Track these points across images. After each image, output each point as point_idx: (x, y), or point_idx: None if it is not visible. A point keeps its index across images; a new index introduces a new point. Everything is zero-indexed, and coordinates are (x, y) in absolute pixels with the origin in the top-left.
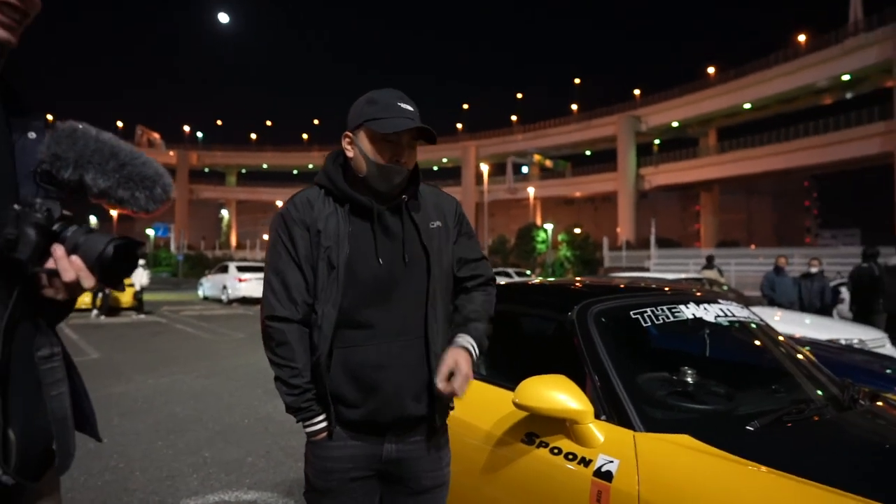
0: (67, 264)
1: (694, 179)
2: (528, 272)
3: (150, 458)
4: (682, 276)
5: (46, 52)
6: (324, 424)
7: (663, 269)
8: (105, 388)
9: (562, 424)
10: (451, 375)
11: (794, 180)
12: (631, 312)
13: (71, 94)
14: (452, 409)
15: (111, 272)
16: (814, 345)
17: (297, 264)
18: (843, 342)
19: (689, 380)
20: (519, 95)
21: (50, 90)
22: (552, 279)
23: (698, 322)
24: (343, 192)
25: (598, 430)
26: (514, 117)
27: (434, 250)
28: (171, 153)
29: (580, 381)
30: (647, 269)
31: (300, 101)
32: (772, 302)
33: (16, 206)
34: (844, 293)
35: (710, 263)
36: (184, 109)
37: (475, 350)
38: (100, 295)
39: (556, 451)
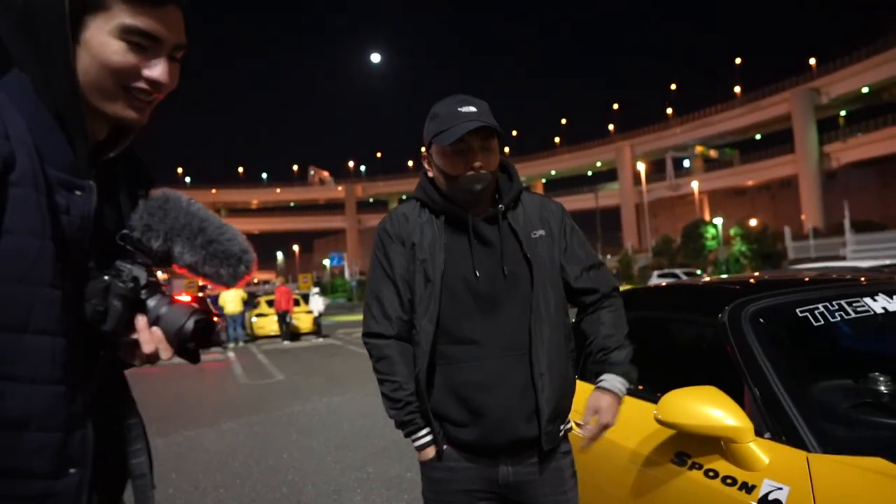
0: (149, 336)
1: None
2: (699, 272)
3: (321, 473)
4: (887, 262)
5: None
6: (429, 439)
7: (863, 256)
8: (287, 406)
9: (717, 444)
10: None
11: None
12: (798, 310)
13: (256, 144)
14: (570, 429)
15: (189, 347)
16: None
17: (392, 281)
18: None
19: (883, 388)
20: (673, 86)
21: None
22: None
23: (892, 317)
24: (437, 203)
25: (762, 451)
26: (669, 110)
27: (538, 261)
28: (340, 188)
29: (737, 394)
30: (842, 258)
31: None
32: None
33: (105, 277)
34: None
35: None
36: (349, 147)
37: (623, 389)
38: (285, 323)
39: (711, 473)
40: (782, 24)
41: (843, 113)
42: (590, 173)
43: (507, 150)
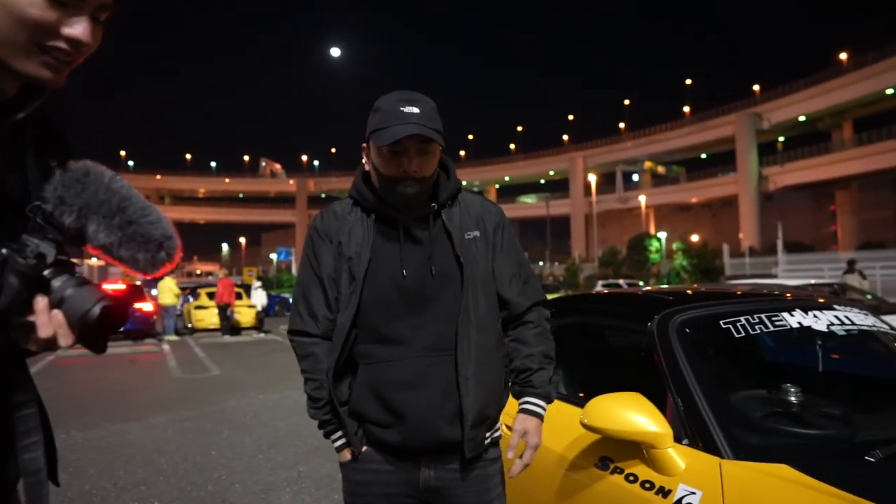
0: (46, 319)
1: (828, 177)
2: (641, 283)
3: (251, 471)
4: (811, 281)
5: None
6: (344, 441)
7: (793, 275)
8: (221, 402)
9: (638, 449)
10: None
11: None
12: (721, 322)
13: (205, 131)
14: (499, 436)
15: (92, 334)
16: None
17: (319, 279)
18: None
19: (793, 399)
20: (626, 102)
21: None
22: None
23: (807, 332)
24: (369, 202)
25: (679, 457)
26: (621, 125)
27: (470, 262)
28: (291, 181)
29: (661, 401)
30: (773, 276)
31: None
32: None
33: (3, 251)
34: None
35: (851, 268)
36: (302, 140)
37: (543, 412)
38: (225, 317)
39: (631, 478)
40: (733, 47)
41: (781, 139)
42: (542, 181)
43: (462, 153)
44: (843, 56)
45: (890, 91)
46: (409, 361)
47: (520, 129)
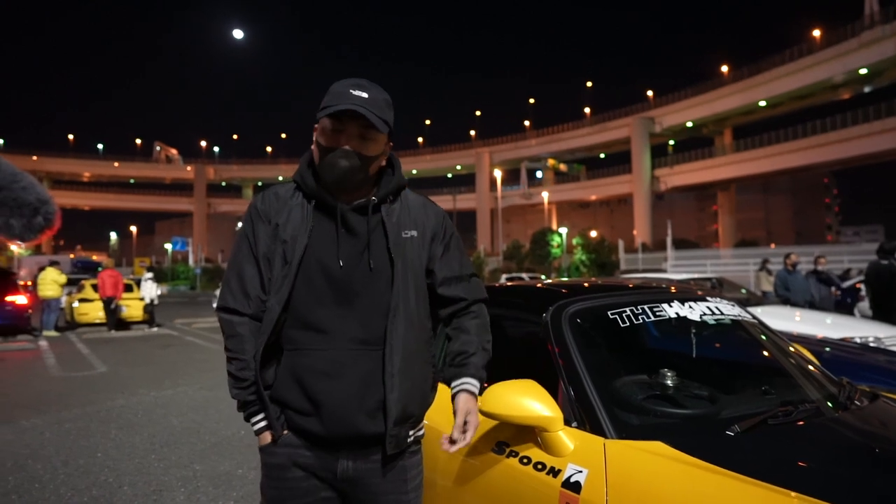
0: None
1: (710, 179)
2: (543, 277)
3: (141, 472)
4: (694, 276)
5: (68, 70)
6: (265, 423)
7: (680, 270)
8: (108, 401)
9: (532, 433)
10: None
11: (812, 177)
12: (609, 312)
13: (92, 112)
14: (422, 435)
15: None
16: (835, 345)
17: (255, 258)
18: (857, 340)
19: (669, 382)
20: (531, 100)
21: (70, 107)
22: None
23: (682, 321)
24: (309, 187)
25: (569, 438)
26: (526, 122)
27: (401, 260)
28: (189, 168)
29: (555, 387)
30: (663, 271)
31: (313, 112)
32: (786, 301)
33: None
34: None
35: (763, 266)
36: (201, 126)
37: (479, 392)
38: (110, 310)
39: (525, 460)
40: (635, 52)
41: (672, 142)
42: (449, 175)
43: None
44: (725, 69)
45: (762, 103)
46: (332, 351)
47: (427, 122)
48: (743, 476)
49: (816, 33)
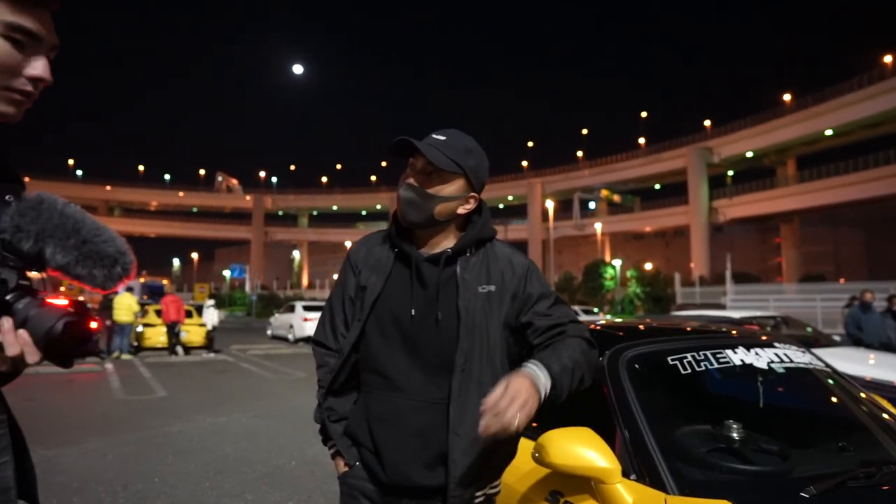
0: (13, 338)
1: (772, 211)
2: (596, 310)
3: (195, 500)
4: (756, 313)
5: (134, 97)
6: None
7: (741, 305)
8: (166, 426)
9: (588, 483)
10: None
11: (886, 209)
12: (669, 358)
13: (159, 143)
14: (497, 493)
15: (57, 349)
16: None
17: (342, 301)
18: None
19: (735, 435)
20: (584, 131)
21: (139, 139)
22: (607, 319)
23: (748, 369)
24: (392, 235)
25: (627, 492)
26: (579, 153)
27: (469, 316)
28: (248, 198)
29: (612, 436)
30: (722, 306)
31: (368, 143)
32: (858, 342)
33: None
34: None
35: (851, 303)
36: (260, 156)
37: (543, 379)
38: (174, 335)
39: None
40: (692, 82)
41: (731, 172)
42: (501, 206)
43: None
44: (787, 98)
45: (829, 132)
46: (395, 400)
47: None
48: None
49: (888, 60)
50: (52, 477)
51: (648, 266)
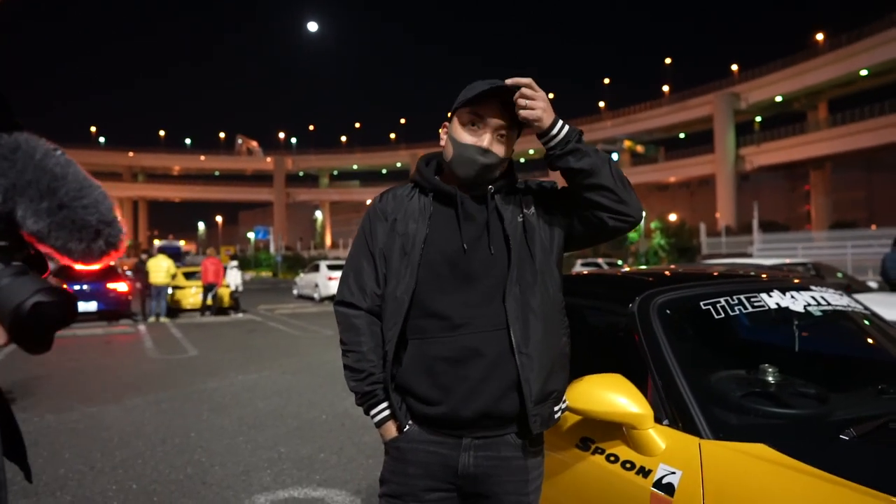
0: None
1: (802, 157)
2: (620, 262)
3: (231, 453)
4: (787, 260)
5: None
6: (387, 413)
7: (768, 254)
8: (199, 383)
9: (619, 430)
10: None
11: None
12: (701, 303)
13: (181, 108)
14: (566, 408)
15: (27, 333)
16: None
17: (371, 255)
18: None
19: (771, 379)
20: (606, 81)
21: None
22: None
23: (784, 312)
24: (428, 181)
25: (659, 437)
26: (601, 103)
27: (517, 242)
28: (269, 159)
29: (642, 381)
30: (749, 256)
31: (387, 101)
32: (894, 287)
33: None
34: None
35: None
36: (279, 117)
37: (562, 126)
38: (208, 296)
39: (612, 458)
40: (713, 24)
41: (758, 119)
42: (522, 160)
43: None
44: (819, 38)
45: (864, 72)
46: (459, 338)
47: None
48: (863, 487)
49: None
50: (96, 433)
51: (673, 217)
